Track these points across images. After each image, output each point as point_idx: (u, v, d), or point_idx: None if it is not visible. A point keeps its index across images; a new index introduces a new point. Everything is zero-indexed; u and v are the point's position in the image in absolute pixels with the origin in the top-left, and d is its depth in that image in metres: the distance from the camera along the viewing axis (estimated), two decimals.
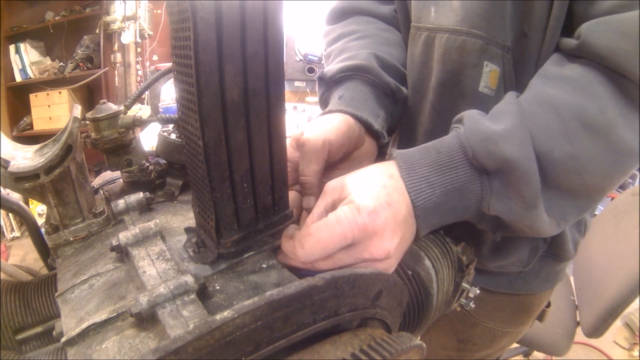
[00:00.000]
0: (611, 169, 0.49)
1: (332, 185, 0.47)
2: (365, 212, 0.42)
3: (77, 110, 0.47)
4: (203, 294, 0.38)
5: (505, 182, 0.47)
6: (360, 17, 0.81)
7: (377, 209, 0.43)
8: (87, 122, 0.54)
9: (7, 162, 0.43)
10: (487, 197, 0.48)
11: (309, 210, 0.52)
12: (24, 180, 0.43)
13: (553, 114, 0.48)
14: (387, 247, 0.43)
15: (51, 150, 0.45)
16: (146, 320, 0.35)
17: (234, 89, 0.36)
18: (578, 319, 1.49)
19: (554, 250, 0.74)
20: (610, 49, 0.46)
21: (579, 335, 1.46)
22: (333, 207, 0.46)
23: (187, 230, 0.47)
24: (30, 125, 3.67)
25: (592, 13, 0.51)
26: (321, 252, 0.41)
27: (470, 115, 0.50)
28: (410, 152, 0.50)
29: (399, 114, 0.74)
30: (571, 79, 0.49)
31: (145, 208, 0.52)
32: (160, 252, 0.42)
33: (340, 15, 0.82)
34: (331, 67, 0.69)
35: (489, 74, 0.61)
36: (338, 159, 0.59)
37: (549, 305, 0.92)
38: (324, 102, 0.72)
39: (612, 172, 0.49)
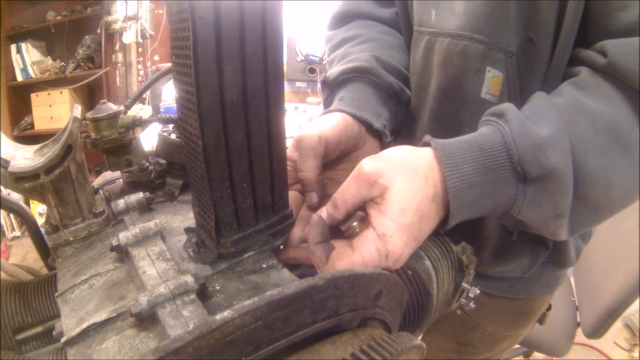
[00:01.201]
0: (634, 185, 0.49)
1: (372, 175, 0.45)
2: (392, 259, 0.44)
3: (77, 110, 0.47)
4: (203, 294, 0.38)
5: (541, 190, 0.47)
6: (362, 21, 0.80)
7: (404, 252, 0.45)
8: (87, 122, 0.54)
9: (7, 162, 0.43)
10: (520, 202, 0.47)
11: (311, 207, 0.52)
12: (24, 180, 0.43)
13: (590, 124, 0.47)
14: (397, 267, 0.46)
15: (51, 150, 0.45)
16: (146, 320, 0.35)
17: (233, 89, 0.36)
18: (578, 319, 1.49)
19: (556, 257, 0.74)
20: (637, 73, 0.47)
21: (579, 336, 1.46)
22: (369, 200, 0.46)
23: (187, 230, 0.47)
24: (31, 125, 3.68)
25: (611, 27, 0.51)
26: None
27: (515, 113, 0.48)
28: (452, 145, 0.48)
29: (404, 116, 0.74)
30: (607, 94, 0.49)
31: (145, 208, 0.52)
32: (160, 252, 0.42)
33: (342, 20, 0.82)
34: (333, 71, 0.69)
35: (492, 80, 0.60)
36: (337, 157, 0.59)
37: (549, 308, 0.92)
38: (327, 105, 0.72)
39: (634, 188, 0.49)
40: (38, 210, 2.74)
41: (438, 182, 0.46)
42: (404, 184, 0.44)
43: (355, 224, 0.48)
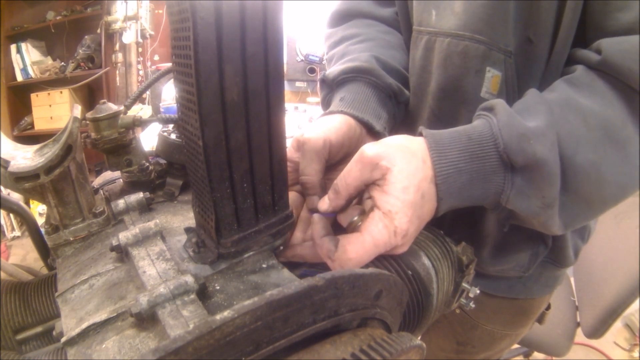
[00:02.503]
0: (627, 181, 0.50)
1: (374, 158, 0.46)
2: (400, 235, 0.45)
3: (77, 110, 0.47)
4: (203, 294, 0.38)
5: (528, 179, 0.48)
6: (362, 20, 0.80)
7: (410, 229, 0.46)
8: (87, 122, 0.54)
9: (7, 162, 0.43)
10: (508, 190, 0.49)
11: (313, 210, 0.52)
12: (24, 180, 0.43)
13: (581, 121, 0.49)
14: (404, 250, 0.48)
15: (51, 150, 0.45)
16: (146, 320, 0.35)
17: (233, 89, 0.36)
18: (578, 319, 1.49)
19: (555, 256, 0.74)
20: (632, 71, 0.48)
21: (579, 335, 1.46)
22: (371, 183, 0.47)
23: (187, 230, 0.47)
24: (31, 125, 3.68)
25: (610, 28, 0.51)
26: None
27: (504, 107, 0.50)
28: (442, 134, 0.50)
29: (401, 117, 0.74)
30: (600, 91, 0.50)
31: (145, 208, 0.52)
32: (160, 252, 0.42)
33: (341, 18, 0.82)
34: (333, 70, 0.69)
35: (491, 80, 0.60)
36: (339, 159, 0.59)
37: (548, 307, 0.92)
38: (326, 105, 0.72)
39: (627, 185, 0.50)
40: (38, 210, 2.74)
41: (432, 165, 0.48)
42: (405, 165, 0.46)
43: (355, 218, 0.49)
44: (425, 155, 0.48)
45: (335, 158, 0.57)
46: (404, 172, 0.46)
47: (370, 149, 0.47)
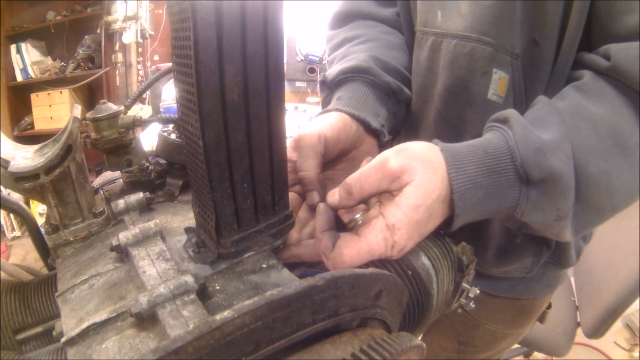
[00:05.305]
0: (635, 187, 0.50)
1: (397, 171, 0.46)
2: (397, 249, 0.45)
3: (77, 110, 0.47)
4: (203, 294, 0.38)
5: (544, 193, 0.48)
6: (363, 21, 0.80)
7: (407, 244, 0.46)
8: (87, 122, 0.54)
9: (7, 162, 0.43)
10: (523, 204, 0.49)
11: (312, 207, 0.52)
12: (24, 180, 0.43)
13: (592, 129, 0.49)
14: (397, 258, 0.47)
15: (51, 150, 0.45)
16: (146, 320, 0.35)
17: (234, 89, 0.36)
18: (578, 319, 1.49)
19: (557, 257, 0.74)
20: None
21: (580, 335, 1.46)
22: (386, 190, 0.47)
23: (187, 230, 0.47)
24: (31, 125, 3.68)
25: (615, 31, 0.52)
26: None
27: (518, 119, 0.49)
28: (458, 148, 0.49)
29: (403, 115, 0.74)
30: (609, 98, 0.50)
31: (145, 208, 0.52)
32: (160, 252, 0.42)
33: (342, 20, 0.82)
34: (332, 70, 0.69)
35: (498, 82, 0.60)
36: (335, 156, 0.59)
37: (549, 306, 0.92)
38: (326, 105, 0.72)
39: (636, 190, 0.50)
40: (38, 210, 2.74)
41: (448, 184, 0.47)
42: (424, 182, 0.45)
43: (357, 216, 0.48)
44: (444, 174, 0.47)
45: (331, 155, 0.57)
46: (421, 188, 0.45)
47: (395, 160, 0.46)
